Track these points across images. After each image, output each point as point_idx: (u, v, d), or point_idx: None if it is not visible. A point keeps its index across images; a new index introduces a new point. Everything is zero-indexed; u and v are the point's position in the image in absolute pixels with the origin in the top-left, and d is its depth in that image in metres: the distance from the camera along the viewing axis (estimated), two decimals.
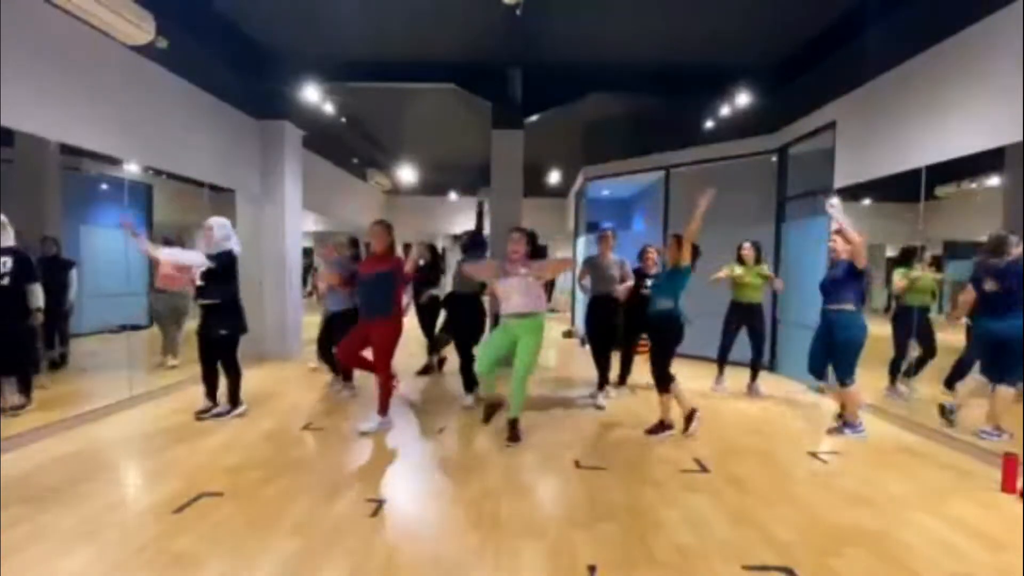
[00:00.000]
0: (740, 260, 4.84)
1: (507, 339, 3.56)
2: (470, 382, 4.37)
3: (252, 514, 2.44)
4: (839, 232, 3.66)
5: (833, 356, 3.75)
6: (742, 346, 4.90)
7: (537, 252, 3.67)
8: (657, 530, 2.36)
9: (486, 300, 4.61)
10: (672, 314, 3.64)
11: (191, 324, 5.09)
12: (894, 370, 4.50)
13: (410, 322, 4.53)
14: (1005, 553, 2.21)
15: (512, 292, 3.47)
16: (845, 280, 3.65)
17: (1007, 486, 2.81)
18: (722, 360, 4.96)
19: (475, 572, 2.03)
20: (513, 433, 3.47)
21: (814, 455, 3.37)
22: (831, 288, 3.73)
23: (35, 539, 2.19)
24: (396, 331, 3.66)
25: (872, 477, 3.03)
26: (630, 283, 4.51)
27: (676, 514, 2.52)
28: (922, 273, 4.38)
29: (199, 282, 3.71)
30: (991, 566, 2.11)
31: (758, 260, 4.84)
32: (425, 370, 5.54)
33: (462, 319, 4.48)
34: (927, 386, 4.39)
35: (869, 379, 4.73)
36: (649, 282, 4.51)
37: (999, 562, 2.14)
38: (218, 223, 3.80)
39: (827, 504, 2.67)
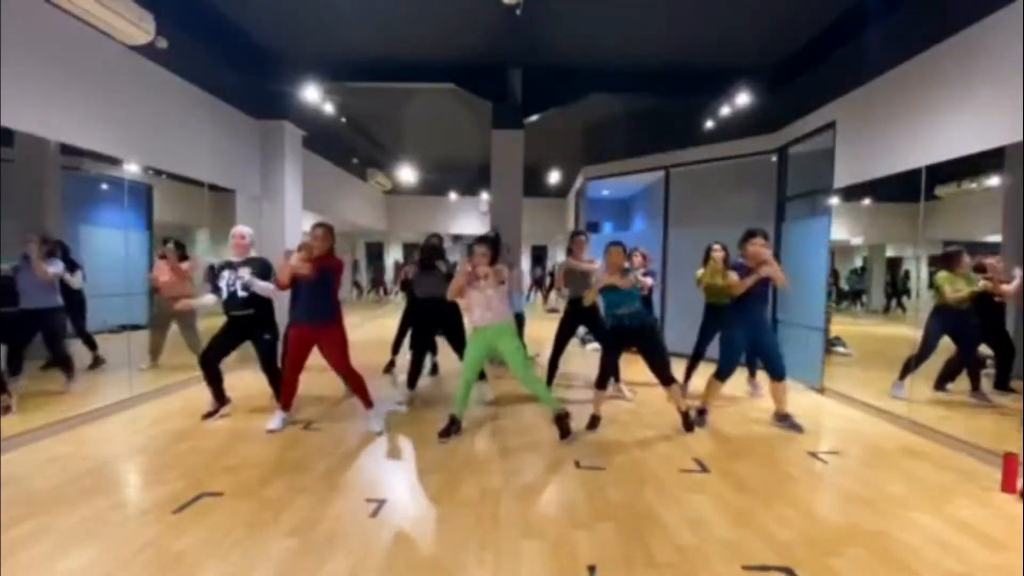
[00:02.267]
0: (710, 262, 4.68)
1: (483, 347, 3.62)
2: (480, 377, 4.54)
3: (252, 514, 2.44)
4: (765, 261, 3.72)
5: (770, 355, 3.84)
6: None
7: (498, 253, 3.64)
8: (657, 530, 2.36)
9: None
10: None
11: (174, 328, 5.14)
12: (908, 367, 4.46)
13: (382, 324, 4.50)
14: (1005, 553, 2.21)
15: (475, 306, 3.54)
16: (765, 288, 3.80)
17: (1007, 486, 2.81)
18: (693, 364, 4.82)
19: (475, 572, 2.03)
20: (565, 427, 3.56)
21: (814, 455, 3.37)
22: (754, 295, 3.75)
23: (35, 539, 2.19)
24: (344, 333, 3.73)
25: (872, 477, 3.03)
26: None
27: (676, 514, 2.52)
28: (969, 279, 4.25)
29: (241, 294, 3.72)
30: (991, 566, 2.11)
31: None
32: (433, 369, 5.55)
33: (451, 323, 4.53)
34: (922, 385, 4.40)
35: (870, 377, 4.73)
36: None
37: (999, 562, 2.15)
38: (249, 231, 3.88)
39: (827, 504, 2.67)
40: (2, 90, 3.21)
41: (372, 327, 9.12)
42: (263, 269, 3.85)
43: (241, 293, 3.74)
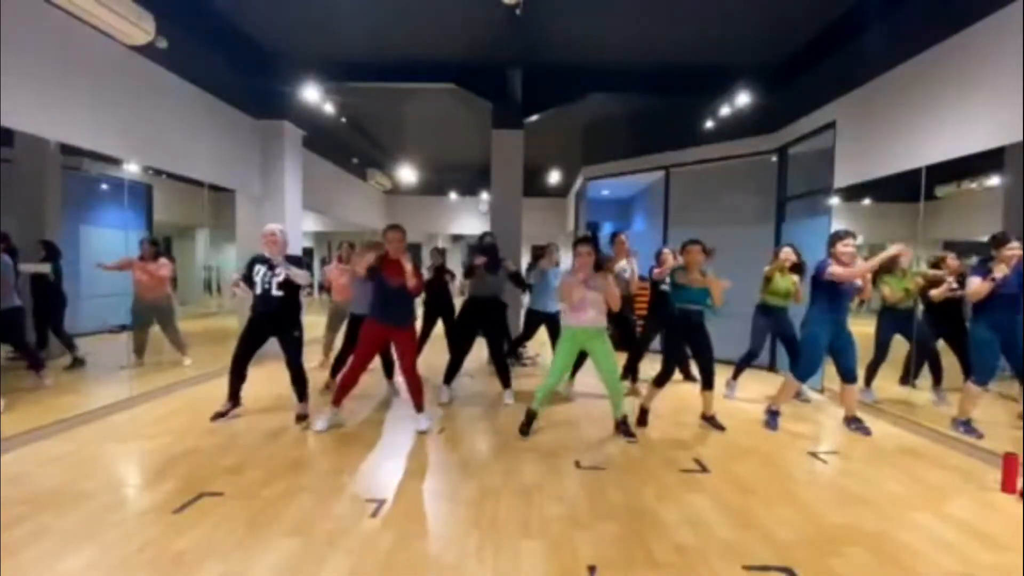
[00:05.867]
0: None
1: (577, 348, 3.69)
2: (508, 380, 4.53)
3: (252, 514, 2.44)
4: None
5: (849, 357, 3.80)
6: (739, 346, 4.87)
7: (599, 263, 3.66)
8: (657, 530, 2.36)
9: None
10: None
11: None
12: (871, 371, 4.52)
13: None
14: (1005, 553, 2.21)
15: (588, 306, 3.57)
16: (851, 288, 3.74)
17: (1007, 486, 2.81)
18: (743, 365, 4.84)
19: (475, 572, 2.03)
20: (628, 428, 3.65)
21: (814, 455, 3.37)
22: (844, 295, 3.74)
23: (35, 539, 2.19)
24: (416, 336, 3.91)
25: (872, 477, 3.03)
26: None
27: (676, 514, 2.52)
28: (907, 277, 4.31)
29: (276, 291, 3.68)
30: (991, 566, 2.12)
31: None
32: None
33: (491, 322, 4.51)
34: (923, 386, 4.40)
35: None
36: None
37: (999, 562, 2.15)
38: (281, 229, 3.82)
39: (827, 504, 2.67)
40: (2, 90, 3.21)
41: None
42: (299, 267, 3.80)
43: (276, 292, 3.69)
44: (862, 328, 7.33)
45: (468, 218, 14.27)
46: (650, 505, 2.61)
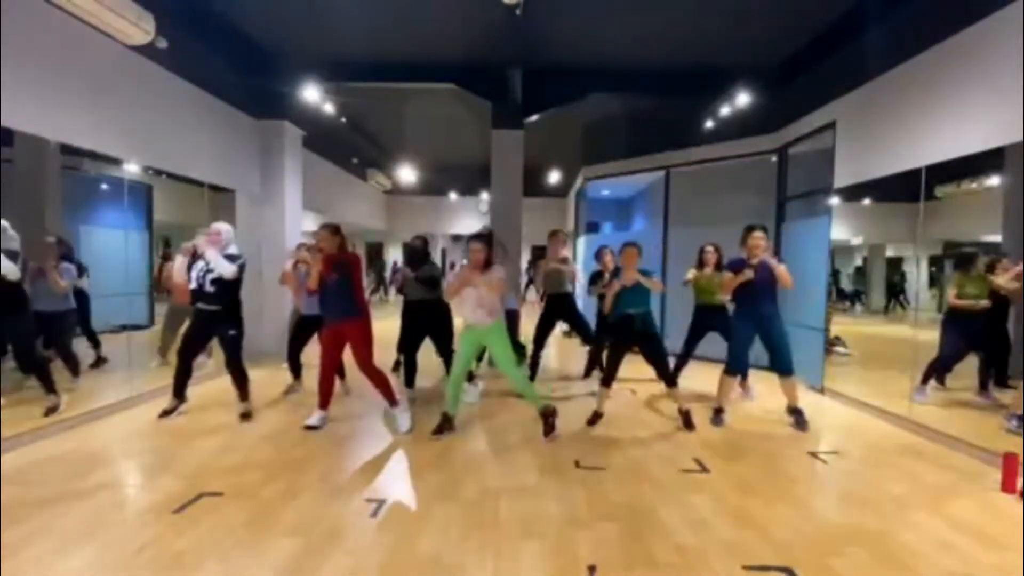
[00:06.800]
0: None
1: (474, 344, 3.69)
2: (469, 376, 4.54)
3: (252, 514, 2.44)
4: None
5: (777, 350, 3.87)
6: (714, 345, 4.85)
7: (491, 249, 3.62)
8: (657, 530, 2.36)
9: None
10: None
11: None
12: (931, 371, 4.36)
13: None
14: (1005, 553, 2.21)
15: (467, 302, 3.57)
16: (773, 282, 3.80)
17: (1007, 486, 2.81)
18: (680, 364, 4.78)
19: (475, 572, 2.03)
20: (550, 424, 3.60)
21: (814, 455, 3.37)
22: (762, 289, 3.79)
23: (35, 539, 2.19)
24: (369, 329, 3.73)
25: (872, 477, 3.03)
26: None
27: (676, 514, 2.52)
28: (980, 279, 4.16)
29: (209, 288, 3.70)
30: (991, 566, 2.11)
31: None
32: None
33: (431, 324, 4.56)
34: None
35: (870, 377, 4.73)
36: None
37: (999, 562, 2.14)
38: (226, 228, 3.85)
39: (827, 504, 2.67)
40: (2, 90, 3.21)
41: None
42: (240, 267, 3.79)
43: (209, 288, 3.69)
44: (864, 328, 7.37)
45: (468, 218, 14.28)
46: (650, 505, 2.61)
